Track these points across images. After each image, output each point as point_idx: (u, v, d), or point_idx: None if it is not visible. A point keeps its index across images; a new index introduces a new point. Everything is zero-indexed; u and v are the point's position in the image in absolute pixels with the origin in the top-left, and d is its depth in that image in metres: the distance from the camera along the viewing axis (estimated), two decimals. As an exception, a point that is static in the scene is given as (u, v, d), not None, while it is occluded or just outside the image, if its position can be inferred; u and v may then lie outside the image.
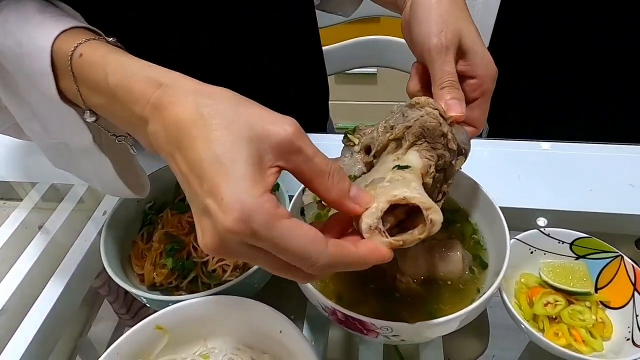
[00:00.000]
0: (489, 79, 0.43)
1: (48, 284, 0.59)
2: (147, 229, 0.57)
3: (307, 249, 0.27)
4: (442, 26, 0.42)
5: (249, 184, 0.26)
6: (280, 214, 0.27)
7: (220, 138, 0.27)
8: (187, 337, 0.47)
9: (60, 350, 0.60)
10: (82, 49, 0.35)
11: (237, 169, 0.27)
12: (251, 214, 0.26)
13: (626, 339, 0.46)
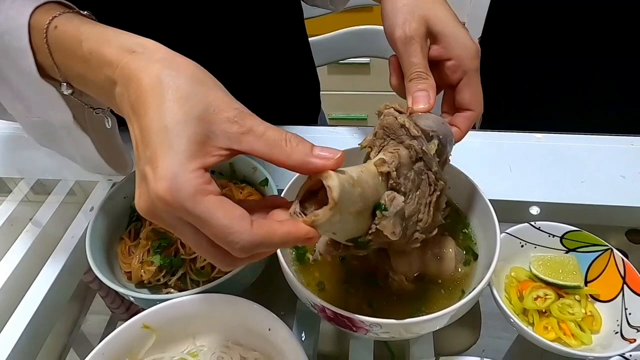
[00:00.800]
0: (467, 57, 0.43)
1: (37, 279, 0.59)
2: (134, 226, 0.56)
3: (231, 225, 0.27)
4: (406, 16, 0.42)
5: (185, 158, 0.27)
6: (209, 190, 0.28)
7: (171, 111, 0.28)
8: (175, 336, 0.46)
9: (52, 343, 0.59)
10: (57, 21, 0.36)
11: (178, 143, 0.28)
12: (180, 186, 0.27)
13: (615, 332, 0.46)
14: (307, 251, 0.51)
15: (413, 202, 0.39)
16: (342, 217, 0.32)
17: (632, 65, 0.97)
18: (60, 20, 0.36)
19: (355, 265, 0.49)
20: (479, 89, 0.44)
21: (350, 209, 0.32)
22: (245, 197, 0.57)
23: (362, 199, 0.33)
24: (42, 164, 0.76)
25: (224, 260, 0.30)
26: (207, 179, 0.28)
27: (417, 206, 0.39)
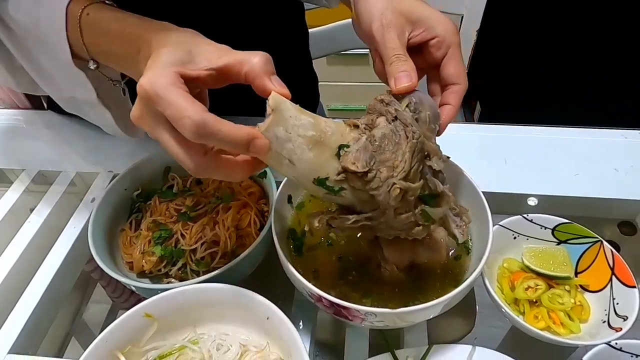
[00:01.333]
0: (448, 32, 0.44)
1: (39, 269, 0.60)
2: (135, 217, 0.57)
3: (188, 104, 0.33)
4: (382, 11, 0.44)
5: (167, 64, 0.35)
6: (180, 85, 0.34)
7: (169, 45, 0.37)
8: (176, 324, 0.47)
9: (55, 332, 0.61)
10: (89, 9, 0.43)
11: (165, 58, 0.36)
12: (157, 77, 0.34)
13: (602, 321, 0.48)
14: (304, 243, 0.52)
15: (388, 150, 0.39)
16: (293, 139, 0.36)
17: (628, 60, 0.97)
18: (92, 9, 0.43)
19: (351, 256, 0.50)
20: (462, 63, 0.46)
21: (300, 132, 0.36)
22: (244, 188, 0.58)
23: (315, 129, 0.36)
24: (43, 155, 0.77)
25: (190, 158, 0.35)
26: (181, 81, 0.35)
27: (393, 154, 0.39)
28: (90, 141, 0.78)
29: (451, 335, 0.56)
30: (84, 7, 0.43)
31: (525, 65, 1.03)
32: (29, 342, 0.55)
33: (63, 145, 0.79)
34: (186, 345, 0.46)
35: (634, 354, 0.43)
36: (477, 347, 0.47)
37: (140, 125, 0.37)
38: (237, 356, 0.45)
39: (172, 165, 0.61)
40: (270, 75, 0.37)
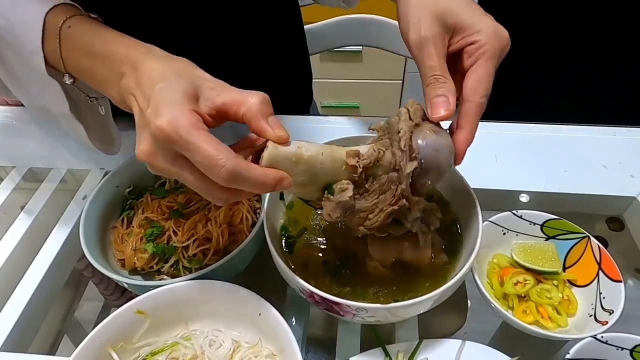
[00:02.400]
0: (490, 39, 0.38)
1: (30, 267, 0.60)
2: (127, 214, 0.57)
3: (218, 153, 0.33)
4: (419, 16, 0.39)
5: (181, 101, 0.34)
6: (202, 126, 0.34)
7: (168, 79, 0.35)
8: (168, 320, 0.48)
9: (47, 330, 0.60)
10: (70, 22, 0.41)
11: (175, 93, 0.34)
12: (178, 119, 0.33)
13: (589, 315, 0.49)
14: (297, 241, 0.52)
15: (370, 201, 0.41)
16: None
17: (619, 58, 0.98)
18: (74, 21, 0.41)
19: (343, 252, 0.50)
20: (487, 76, 0.39)
21: (293, 178, 0.37)
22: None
23: (307, 175, 0.38)
24: (34, 152, 0.76)
25: (213, 192, 0.35)
26: (200, 118, 0.34)
27: (373, 207, 0.41)
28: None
29: (443, 330, 0.57)
30: (66, 19, 0.41)
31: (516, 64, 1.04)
32: (20, 340, 0.55)
33: (54, 142, 0.78)
34: (178, 342, 0.46)
35: (619, 346, 0.44)
36: (466, 342, 0.47)
37: (150, 162, 0.35)
38: (230, 352, 0.45)
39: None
40: (268, 117, 0.36)
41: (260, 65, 0.77)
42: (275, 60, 0.80)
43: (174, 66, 0.37)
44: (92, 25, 0.42)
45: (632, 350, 0.44)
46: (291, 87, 0.88)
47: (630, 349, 0.44)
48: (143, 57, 0.37)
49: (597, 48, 0.97)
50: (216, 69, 0.37)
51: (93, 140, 0.52)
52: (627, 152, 0.71)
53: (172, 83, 0.35)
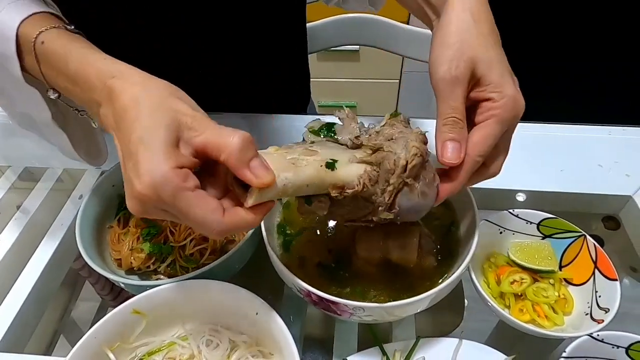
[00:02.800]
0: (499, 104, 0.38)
1: (26, 266, 0.60)
2: (123, 214, 0.57)
3: (206, 219, 0.33)
4: (455, 54, 0.38)
5: (162, 159, 0.31)
6: (186, 186, 0.32)
7: (145, 122, 0.33)
8: (165, 320, 0.47)
9: (43, 330, 0.60)
10: (44, 36, 0.39)
11: (153, 147, 0.32)
12: (159, 184, 0.31)
13: (585, 313, 0.49)
14: (294, 241, 0.52)
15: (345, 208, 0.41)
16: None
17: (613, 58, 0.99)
18: (47, 36, 0.39)
19: (340, 251, 0.50)
20: (489, 137, 0.38)
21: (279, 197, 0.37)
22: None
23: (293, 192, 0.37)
24: (30, 151, 0.76)
25: (210, 232, 0.34)
26: (183, 175, 0.32)
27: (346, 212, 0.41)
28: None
29: (440, 329, 0.57)
30: (39, 33, 0.38)
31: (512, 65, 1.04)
32: (16, 340, 0.55)
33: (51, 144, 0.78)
34: (175, 342, 0.46)
35: (615, 345, 0.45)
36: (463, 341, 0.48)
37: (143, 216, 0.35)
38: (227, 352, 0.45)
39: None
40: (250, 161, 0.33)
41: (261, 64, 0.77)
42: (277, 60, 0.79)
43: (150, 97, 0.34)
44: (64, 42, 0.39)
45: (627, 348, 0.44)
46: (290, 87, 0.88)
47: (626, 347, 0.44)
48: (116, 86, 0.35)
49: (592, 49, 0.98)
50: (216, 68, 0.36)
51: (78, 150, 0.50)
52: (622, 151, 0.72)
53: (150, 131, 0.32)
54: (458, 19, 0.39)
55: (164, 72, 0.38)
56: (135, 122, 0.33)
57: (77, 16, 0.44)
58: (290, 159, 0.36)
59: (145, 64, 0.38)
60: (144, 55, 0.67)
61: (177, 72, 0.70)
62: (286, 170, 0.35)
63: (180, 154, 0.33)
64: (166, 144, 0.32)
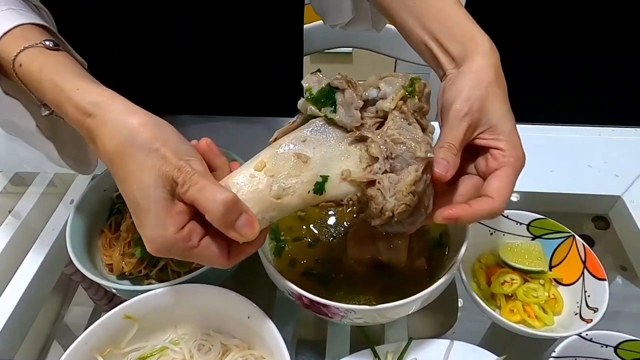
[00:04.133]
0: (512, 154, 0.40)
1: (17, 272, 0.59)
2: (114, 219, 0.57)
3: (214, 263, 0.37)
4: (470, 96, 0.40)
5: (163, 226, 0.34)
6: (191, 245, 0.35)
7: (136, 183, 0.34)
8: (157, 325, 0.47)
9: (35, 336, 0.60)
10: (22, 58, 0.37)
11: (152, 213, 0.34)
12: (167, 249, 0.35)
13: (575, 313, 0.49)
14: (285, 244, 0.52)
15: None
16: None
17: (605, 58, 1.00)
18: (24, 58, 0.37)
19: (332, 254, 0.51)
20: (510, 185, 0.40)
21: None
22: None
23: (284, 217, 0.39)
24: (21, 156, 0.76)
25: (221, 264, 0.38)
26: (187, 236, 0.35)
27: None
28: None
29: (434, 330, 0.58)
30: (17, 54, 0.37)
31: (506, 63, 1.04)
32: (7, 346, 0.54)
33: (41, 146, 0.78)
34: (167, 346, 0.46)
35: (604, 344, 0.45)
36: (455, 342, 0.48)
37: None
38: (219, 356, 0.45)
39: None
40: (234, 222, 0.35)
41: (258, 65, 0.77)
42: (274, 61, 0.80)
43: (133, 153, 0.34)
44: (41, 68, 0.37)
45: (616, 347, 0.45)
46: (286, 88, 0.88)
47: (615, 346, 0.45)
48: (95, 131, 0.35)
49: (582, 49, 0.98)
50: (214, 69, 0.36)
51: (66, 159, 0.49)
52: (611, 151, 0.72)
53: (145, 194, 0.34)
54: (483, 71, 0.41)
55: (163, 73, 0.38)
56: (126, 181, 0.34)
57: (75, 17, 0.43)
58: (276, 193, 0.37)
59: (143, 65, 0.37)
60: (142, 55, 0.67)
61: (175, 72, 0.70)
62: (271, 210, 0.37)
63: (177, 213, 0.34)
64: (164, 208, 0.34)
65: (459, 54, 0.42)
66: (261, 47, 0.75)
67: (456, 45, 0.42)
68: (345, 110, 0.39)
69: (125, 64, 0.61)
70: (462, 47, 0.42)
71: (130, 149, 0.34)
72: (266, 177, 0.37)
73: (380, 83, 0.40)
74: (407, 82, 0.39)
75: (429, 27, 0.44)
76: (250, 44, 0.73)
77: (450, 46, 0.43)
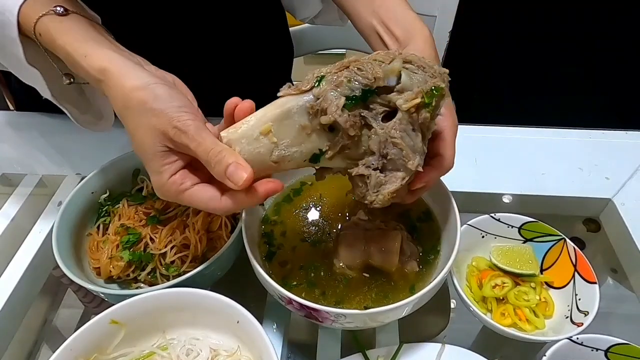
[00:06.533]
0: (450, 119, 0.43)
1: (3, 274, 0.58)
2: (102, 221, 0.56)
3: (207, 206, 0.40)
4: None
5: (158, 172, 0.39)
6: (183, 189, 0.39)
7: (136, 141, 0.40)
8: (145, 330, 0.47)
9: (24, 337, 0.59)
10: (39, 28, 0.42)
11: (151, 162, 0.40)
12: (163, 191, 0.40)
13: (566, 317, 0.49)
14: (277, 247, 0.52)
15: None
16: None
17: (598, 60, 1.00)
18: (41, 28, 0.42)
19: (323, 258, 0.50)
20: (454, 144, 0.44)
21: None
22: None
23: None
24: (8, 157, 0.75)
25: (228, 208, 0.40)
26: (179, 180, 0.39)
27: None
28: (57, 142, 0.75)
29: (426, 333, 0.57)
30: (35, 24, 0.42)
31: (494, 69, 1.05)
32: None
33: (29, 147, 0.76)
34: (155, 351, 0.45)
35: (594, 347, 0.45)
36: (446, 345, 0.48)
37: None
38: (208, 361, 0.45)
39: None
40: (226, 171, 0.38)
41: (246, 67, 0.77)
42: (263, 63, 0.80)
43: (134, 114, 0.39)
44: (54, 39, 0.41)
45: (606, 351, 0.45)
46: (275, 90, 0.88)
47: (605, 350, 0.45)
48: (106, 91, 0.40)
49: (573, 51, 0.99)
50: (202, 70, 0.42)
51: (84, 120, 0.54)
52: (602, 154, 0.73)
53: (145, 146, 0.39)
54: (426, 53, 0.45)
55: None
56: (132, 138, 0.40)
57: None
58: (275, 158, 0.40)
59: None
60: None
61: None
62: (267, 169, 0.40)
63: (172, 162, 0.39)
64: (160, 158, 0.39)
65: (402, 35, 0.47)
66: (249, 50, 0.76)
67: (400, 29, 0.47)
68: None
69: None
70: (405, 31, 0.47)
71: (127, 111, 0.39)
72: (269, 142, 0.39)
73: (403, 72, 0.38)
74: (427, 89, 0.37)
75: (377, 12, 0.49)
76: (237, 46, 0.74)
77: (395, 29, 0.48)
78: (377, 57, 0.38)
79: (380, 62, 0.38)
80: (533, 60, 1.03)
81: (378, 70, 0.37)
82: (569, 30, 0.99)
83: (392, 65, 0.38)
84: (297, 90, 0.39)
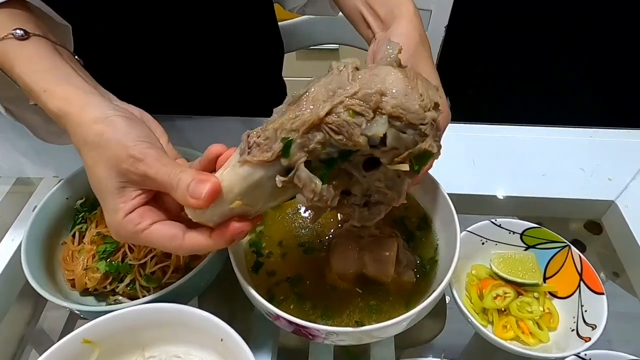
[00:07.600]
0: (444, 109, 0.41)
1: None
2: (78, 229, 0.52)
3: (166, 247, 0.37)
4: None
5: (115, 212, 0.36)
6: (140, 228, 0.36)
7: (92, 177, 0.37)
8: (122, 347, 0.43)
9: (7, 340, 0.56)
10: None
11: (107, 200, 0.37)
12: (119, 232, 0.37)
13: (571, 329, 0.47)
14: (264, 259, 0.49)
15: None
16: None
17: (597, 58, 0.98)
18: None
19: (313, 272, 0.47)
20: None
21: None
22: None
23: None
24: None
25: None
26: (137, 219, 0.36)
27: None
28: (34, 143, 0.71)
29: (421, 338, 0.55)
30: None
31: (492, 68, 1.03)
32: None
33: (3, 147, 0.72)
34: (132, 371, 0.42)
35: (603, 364, 0.42)
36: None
37: None
38: (190, 381, 0.42)
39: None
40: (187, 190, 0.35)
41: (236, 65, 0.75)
42: (253, 60, 0.78)
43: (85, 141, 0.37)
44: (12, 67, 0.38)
45: (615, 367, 0.42)
46: (265, 87, 0.85)
47: (614, 367, 0.42)
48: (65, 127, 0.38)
49: (573, 49, 0.97)
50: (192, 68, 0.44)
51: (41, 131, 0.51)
52: (604, 154, 0.70)
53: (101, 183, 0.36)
54: (410, 34, 0.44)
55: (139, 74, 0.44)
56: (88, 173, 0.38)
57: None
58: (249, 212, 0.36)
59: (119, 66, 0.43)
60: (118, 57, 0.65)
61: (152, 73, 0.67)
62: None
63: (128, 199, 0.36)
64: (116, 195, 0.36)
65: (385, 15, 0.46)
66: (235, 45, 0.73)
67: (384, 8, 0.46)
68: None
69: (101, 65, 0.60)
70: (389, 10, 0.46)
71: (85, 146, 0.37)
72: (244, 208, 0.36)
73: (388, 133, 0.32)
74: (416, 153, 0.32)
75: None
76: (227, 44, 0.72)
77: (379, 9, 0.47)
78: (354, 107, 0.31)
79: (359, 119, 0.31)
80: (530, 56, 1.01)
81: (358, 137, 0.31)
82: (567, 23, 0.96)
83: (376, 130, 0.31)
84: (261, 158, 0.33)
